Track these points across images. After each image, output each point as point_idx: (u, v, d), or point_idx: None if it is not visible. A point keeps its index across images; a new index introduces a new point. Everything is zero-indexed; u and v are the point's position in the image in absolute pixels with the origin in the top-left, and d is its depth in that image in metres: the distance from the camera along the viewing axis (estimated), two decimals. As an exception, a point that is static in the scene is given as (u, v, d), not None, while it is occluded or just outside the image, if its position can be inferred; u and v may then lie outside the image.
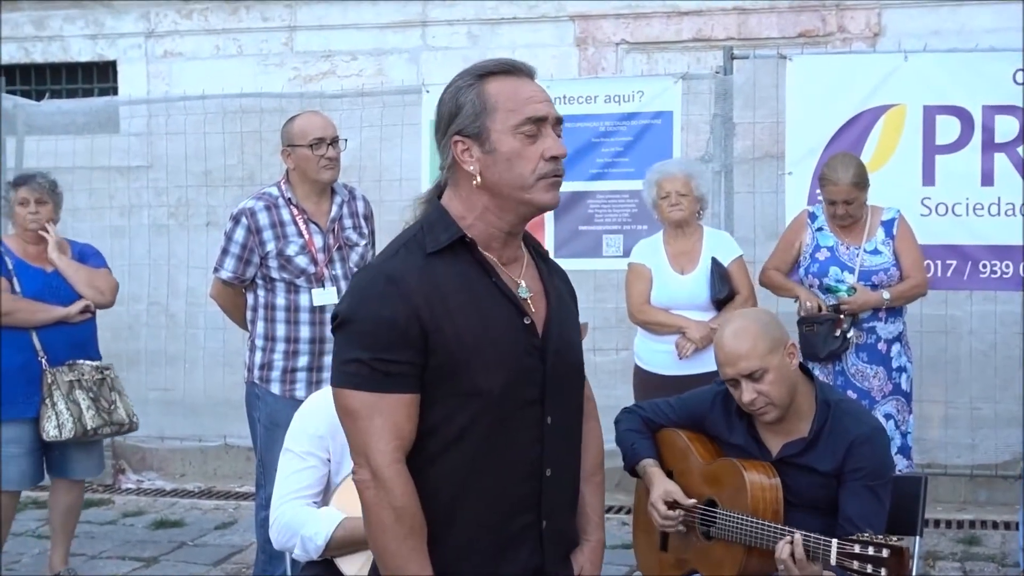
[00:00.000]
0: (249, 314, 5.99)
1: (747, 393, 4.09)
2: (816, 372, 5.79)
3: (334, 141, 5.90)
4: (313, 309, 5.84)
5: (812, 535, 3.83)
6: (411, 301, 2.79)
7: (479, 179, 2.88)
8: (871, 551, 3.63)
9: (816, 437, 4.13)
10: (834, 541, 3.74)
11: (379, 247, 6.39)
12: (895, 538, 3.70)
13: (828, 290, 6.36)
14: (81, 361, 6.61)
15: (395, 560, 2.83)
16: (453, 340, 2.81)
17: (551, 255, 3.56)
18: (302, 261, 5.83)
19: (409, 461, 2.84)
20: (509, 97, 2.87)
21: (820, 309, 6.34)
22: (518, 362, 2.87)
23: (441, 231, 2.89)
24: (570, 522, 3.09)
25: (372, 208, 6.28)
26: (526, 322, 2.91)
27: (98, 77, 9.98)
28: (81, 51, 9.88)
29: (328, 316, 5.82)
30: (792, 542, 3.84)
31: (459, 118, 2.90)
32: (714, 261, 6.52)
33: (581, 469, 3.12)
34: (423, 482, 2.85)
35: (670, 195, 6.50)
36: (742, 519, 4.08)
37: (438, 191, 3.00)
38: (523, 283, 2.95)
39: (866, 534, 3.73)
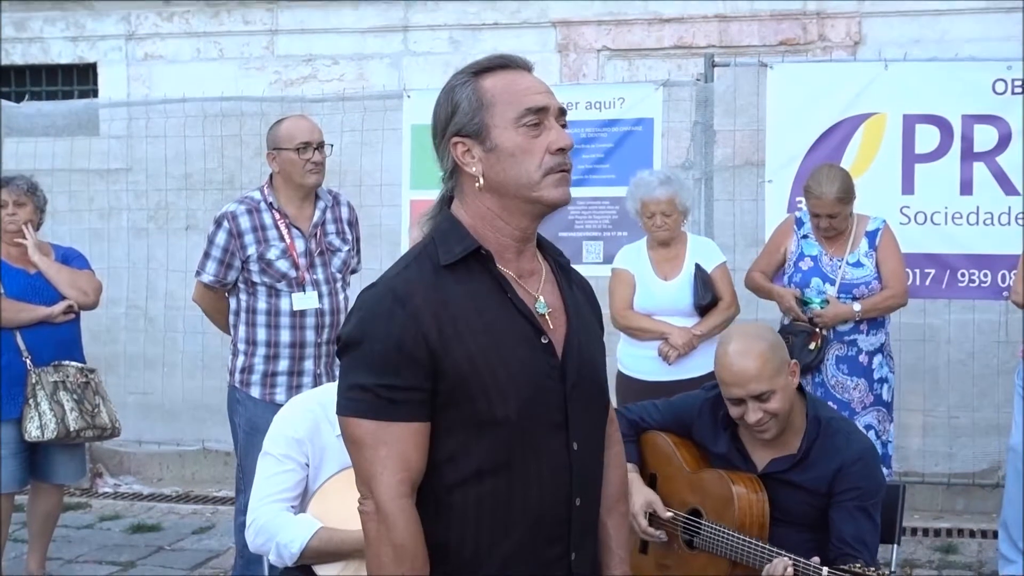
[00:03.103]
0: (231, 318, 6.00)
1: (753, 413, 4.02)
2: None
3: (320, 145, 5.90)
4: (294, 313, 5.85)
5: (802, 561, 3.79)
6: (418, 321, 2.63)
7: (482, 180, 2.72)
8: None
9: (806, 455, 4.09)
10: (824, 569, 3.72)
11: (363, 254, 6.41)
12: (886, 570, 3.69)
13: (803, 302, 6.37)
14: (67, 362, 6.59)
15: None
16: (464, 362, 2.63)
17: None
18: (283, 265, 5.83)
19: (425, 492, 2.70)
20: (506, 90, 2.72)
21: (798, 302, 6.34)
22: (535, 385, 2.69)
23: (455, 243, 2.72)
24: (594, 550, 2.92)
25: (357, 214, 6.26)
26: (544, 341, 2.73)
27: (78, 79, 9.94)
28: (61, 53, 9.85)
29: (308, 320, 5.85)
30: (787, 566, 3.79)
31: (456, 117, 2.72)
32: (697, 267, 6.53)
33: (603, 497, 2.94)
34: (441, 514, 2.70)
35: (655, 216, 6.50)
36: (729, 534, 4.05)
37: (445, 203, 2.81)
38: (541, 298, 2.78)
39: (858, 564, 3.70)
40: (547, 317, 2.77)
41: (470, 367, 2.64)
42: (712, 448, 4.29)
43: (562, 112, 2.77)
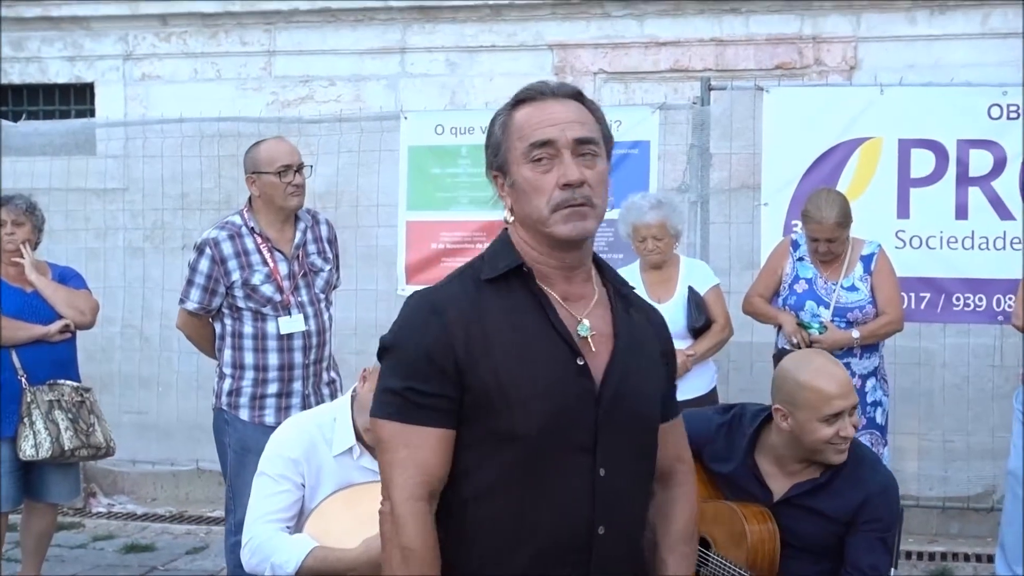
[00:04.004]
0: (217, 343, 5.98)
1: (849, 428, 3.95)
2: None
3: (300, 168, 5.88)
4: (280, 337, 5.83)
5: None
6: (449, 331, 2.67)
7: (510, 214, 2.77)
8: None
9: (830, 480, 4.03)
10: None
11: (344, 270, 6.40)
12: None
13: (801, 326, 6.38)
14: (62, 381, 6.59)
15: None
16: (489, 375, 2.66)
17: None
18: (268, 290, 5.81)
19: (443, 503, 2.72)
20: (524, 123, 2.72)
21: (808, 344, 6.30)
22: (561, 405, 2.67)
23: (501, 259, 2.76)
24: None
25: (335, 231, 6.26)
26: (579, 363, 2.71)
27: (75, 99, 9.95)
28: (59, 73, 9.86)
29: (296, 343, 5.84)
30: None
31: (490, 150, 2.78)
32: (691, 290, 6.55)
33: (664, 535, 2.94)
34: (458, 526, 2.72)
35: (647, 240, 6.53)
36: (735, 569, 3.99)
37: (510, 225, 2.84)
38: (586, 321, 2.76)
39: None
40: (589, 340, 2.75)
41: (495, 380, 2.66)
42: (723, 470, 4.18)
43: (581, 142, 2.71)
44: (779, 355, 6.30)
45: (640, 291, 6.53)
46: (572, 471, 2.70)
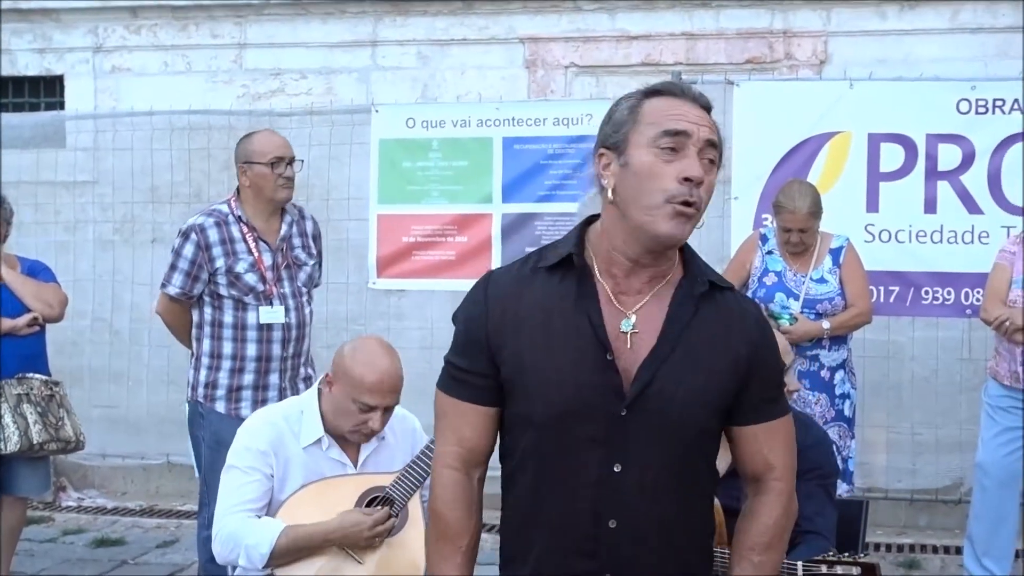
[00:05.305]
0: (195, 331, 5.97)
1: (795, 383, 4.19)
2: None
3: (291, 161, 5.91)
4: (260, 327, 5.84)
5: None
6: (488, 309, 2.78)
7: (611, 194, 2.71)
8: (839, 570, 3.52)
9: None
10: (799, 564, 3.63)
11: (326, 266, 6.41)
12: (862, 555, 3.68)
13: (771, 317, 6.41)
14: (31, 375, 6.55)
15: (428, 559, 2.90)
16: (512, 357, 2.74)
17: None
18: (251, 279, 5.82)
19: (503, 478, 2.87)
20: (659, 111, 2.70)
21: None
22: (579, 397, 2.68)
23: (561, 247, 2.79)
24: None
25: (320, 228, 6.27)
26: (608, 358, 2.69)
27: (45, 91, 9.90)
28: (28, 65, 9.80)
29: (275, 334, 5.84)
30: None
31: (607, 129, 2.76)
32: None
33: (737, 542, 2.89)
34: (505, 501, 2.87)
35: None
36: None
37: (592, 216, 2.84)
38: (633, 317, 2.74)
39: (831, 552, 3.65)
40: (628, 336, 2.73)
41: (517, 364, 2.74)
42: None
43: (711, 145, 2.72)
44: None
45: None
46: (581, 462, 2.72)
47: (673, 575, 2.80)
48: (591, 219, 2.84)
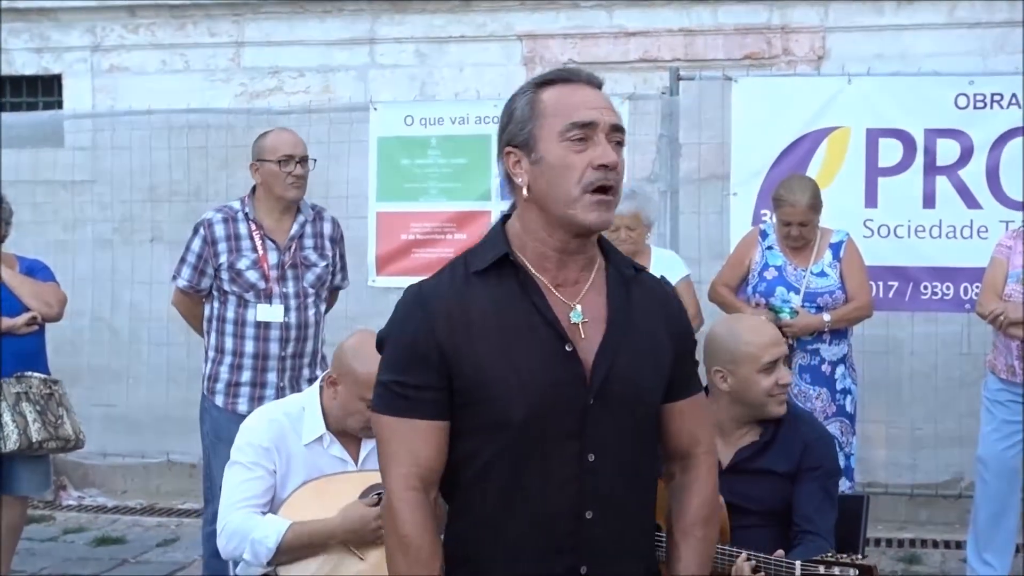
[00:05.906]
0: (204, 324, 6.08)
1: (786, 375, 4.15)
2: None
3: (303, 160, 5.95)
4: (258, 324, 5.88)
5: (773, 558, 3.72)
6: (433, 322, 2.71)
7: (526, 192, 2.74)
8: (837, 571, 3.51)
9: (772, 438, 4.12)
10: (797, 563, 3.64)
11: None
12: (860, 556, 3.68)
13: (772, 311, 6.41)
14: (30, 373, 6.55)
15: None
16: (471, 365, 2.69)
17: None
18: (252, 276, 5.87)
19: (444, 491, 2.80)
20: (559, 102, 2.72)
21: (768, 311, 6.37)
22: (548, 391, 2.68)
23: (488, 250, 2.77)
24: (630, 570, 2.84)
25: (342, 231, 6.31)
26: (568, 349, 2.71)
27: (43, 91, 9.90)
28: (26, 64, 9.80)
29: (273, 332, 5.89)
30: (747, 557, 3.73)
31: (510, 127, 2.77)
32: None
33: (678, 519, 2.92)
34: (459, 514, 2.80)
35: (620, 230, 6.52)
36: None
37: (506, 215, 2.87)
38: (578, 307, 2.76)
39: (829, 553, 3.63)
40: (580, 327, 2.75)
41: (478, 372, 2.69)
42: None
43: (616, 129, 2.75)
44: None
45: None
46: (559, 457, 2.71)
47: (638, 560, 2.86)
48: (504, 219, 2.86)
